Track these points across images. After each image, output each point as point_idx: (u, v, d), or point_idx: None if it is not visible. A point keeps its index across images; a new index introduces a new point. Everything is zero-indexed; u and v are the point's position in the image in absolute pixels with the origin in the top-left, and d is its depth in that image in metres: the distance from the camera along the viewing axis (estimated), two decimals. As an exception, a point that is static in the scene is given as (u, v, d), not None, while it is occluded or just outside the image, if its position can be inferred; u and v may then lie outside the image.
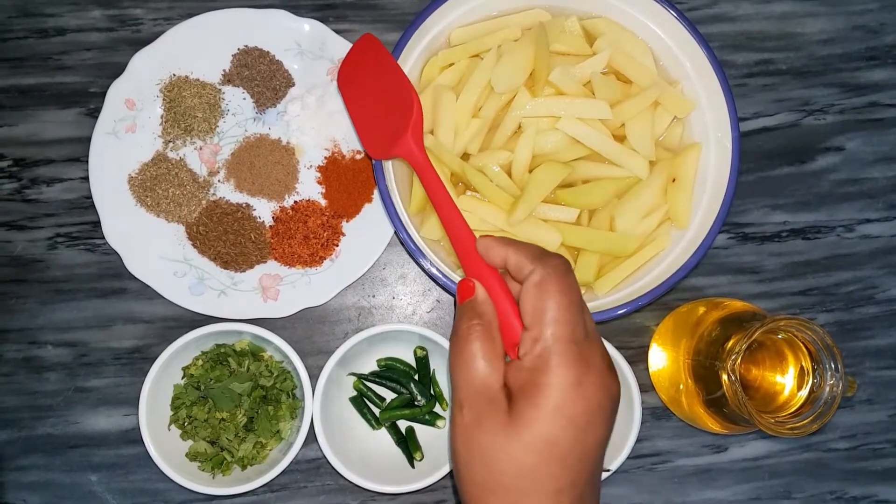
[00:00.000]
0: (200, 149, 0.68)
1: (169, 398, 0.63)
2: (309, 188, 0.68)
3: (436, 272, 0.57)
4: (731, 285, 0.69)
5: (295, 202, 0.68)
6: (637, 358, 0.67)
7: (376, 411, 0.66)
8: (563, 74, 0.60)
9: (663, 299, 0.68)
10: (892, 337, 0.70)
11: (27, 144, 0.69)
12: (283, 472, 0.61)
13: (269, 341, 0.62)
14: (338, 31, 0.68)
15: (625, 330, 0.68)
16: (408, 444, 0.64)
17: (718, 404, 0.57)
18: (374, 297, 0.68)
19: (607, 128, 0.61)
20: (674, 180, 0.62)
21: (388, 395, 0.67)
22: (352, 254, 0.67)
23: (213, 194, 0.68)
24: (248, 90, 0.69)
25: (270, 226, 0.68)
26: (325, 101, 0.68)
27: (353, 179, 0.67)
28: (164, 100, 0.68)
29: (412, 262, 0.68)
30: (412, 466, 0.64)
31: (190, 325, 0.64)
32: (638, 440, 0.62)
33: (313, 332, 0.67)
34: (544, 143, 0.61)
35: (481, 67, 0.60)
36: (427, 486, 0.61)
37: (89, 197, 0.66)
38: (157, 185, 0.67)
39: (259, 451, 0.63)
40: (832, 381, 0.54)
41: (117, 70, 0.67)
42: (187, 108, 0.67)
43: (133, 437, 0.65)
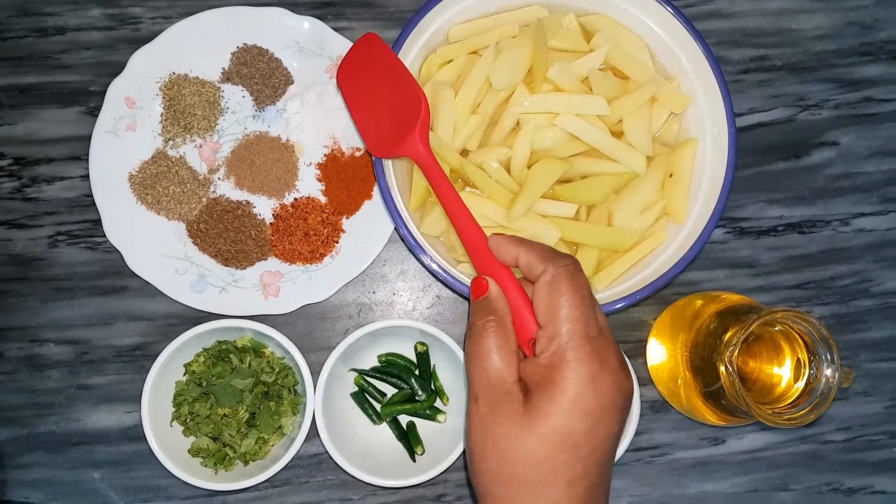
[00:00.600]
0: (200, 147, 0.69)
1: (171, 395, 0.64)
2: (309, 185, 0.68)
3: (436, 268, 0.57)
4: (728, 279, 0.70)
5: (295, 199, 0.68)
6: (635, 352, 0.68)
7: (377, 406, 0.66)
8: (560, 71, 0.60)
9: (661, 293, 0.68)
10: (888, 329, 0.70)
11: (27, 143, 0.69)
12: (285, 468, 0.61)
13: (270, 337, 0.63)
14: (336, 29, 0.68)
15: (623, 324, 0.69)
16: (409, 439, 0.65)
17: (716, 396, 0.58)
18: (374, 293, 0.69)
19: (605, 124, 0.61)
20: (671, 175, 0.62)
21: (389, 391, 0.67)
22: (352, 250, 0.67)
23: (214, 192, 0.68)
24: (247, 88, 0.69)
25: (271, 223, 0.68)
26: (325, 99, 0.68)
27: (352, 176, 0.67)
28: (163, 98, 0.68)
29: (412, 258, 0.69)
30: (413, 461, 0.64)
31: (191, 322, 0.65)
32: (637, 433, 0.63)
33: (314, 328, 0.68)
34: (542, 140, 0.61)
35: (480, 64, 0.61)
36: (428, 480, 0.62)
37: (90, 195, 0.67)
38: (157, 182, 0.67)
39: (261, 447, 0.63)
40: (828, 372, 0.54)
41: (117, 69, 0.67)
42: (187, 106, 0.68)
43: (135, 434, 0.65)
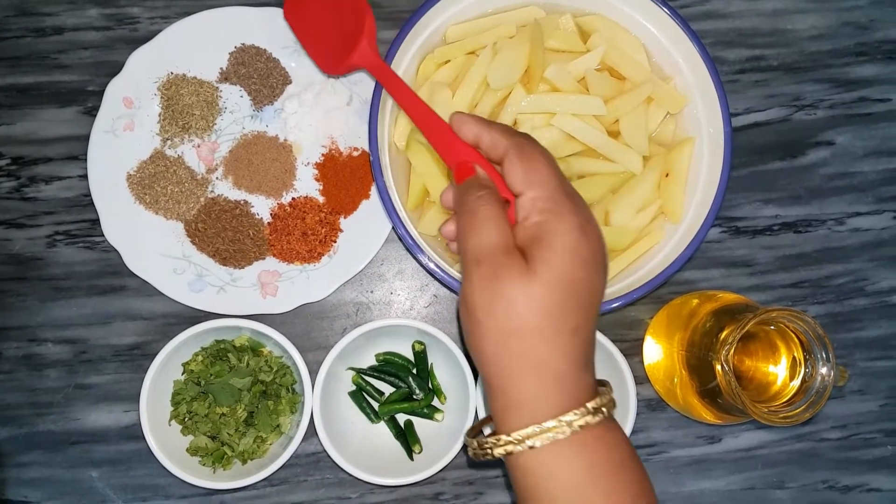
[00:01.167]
0: (198, 146, 0.69)
1: (169, 394, 0.64)
2: (307, 185, 0.69)
3: (433, 267, 0.58)
4: (724, 278, 0.70)
5: (293, 199, 0.68)
6: (632, 351, 0.68)
7: (375, 405, 0.66)
8: (558, 71, 0.60)
9: (657, 293, 0.69)
10: (882, 328, 0.71)
11: (25, 143, 0.69)
12: (283, 466, 0.62)
13: (268, 337, 0.63)
14: (334, 29, 0.68)
15: (619, 323, 0.69)
16: (407, 438, 0.65)
17: (712, 395, 0.58)
18: (372, 292, 0.69)
19: (602, 124, 0.62)
20: (667, 175, 0.62)
21: (387, 389, 0.67)
22: (350, 250, 0.67)
23: (212, 191, 0.68)
24: (245, 88, 0.69)
25: (269, 222, 0.68)
26: (323, 99, 0.68)
27: (350, 176, 0.68)
28: (161, 98, 0.68)
29: (410, 257, 0.69)
30: (411, 459, 0.64)
31: (189, 321, 0.65)
32: (633, 431, 0.63)
33: (312, 327, 0.68)
34: (539, 139, 0.60)
35: (477, 64, 0.61)
36: (426, 479, 0.62)
37: (88, 195, 0.67)
38: (155, 182, 0.67)
39: (259, 446, 0.64)
40: (824, 370, 0.54)
41: (115, 68, 0.67)
42: (185, 106, 0.68)
43: (133, 433, 0.66)
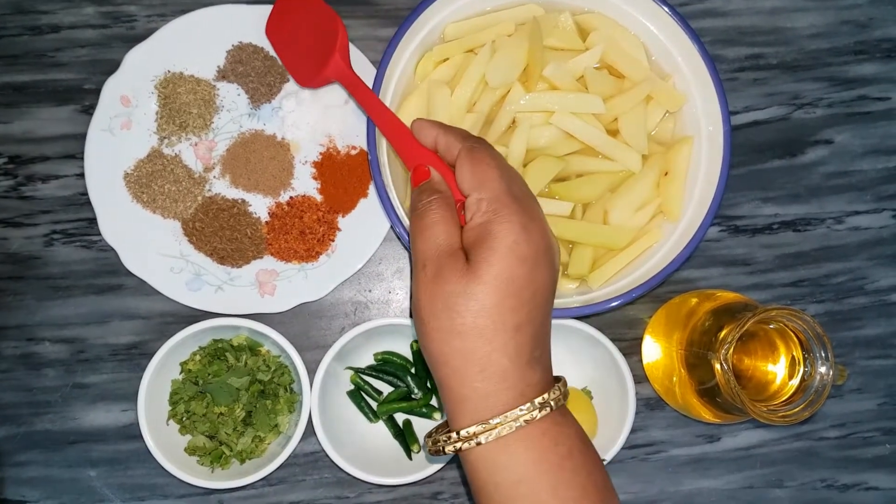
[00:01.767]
0: (196, 145, 0.69)
1: (167, 393, 0.64)
2: (304, 184, 0.68)
3: (432, 266, 0.57)
4: (723, 277, 0.70)
5: (291, 198, 0.68)
6: (631, 350, 0.68)
7: (374, 404, 0.66)
8: (556, 69, 0.60)
9: (656, 291, 0.69)
10: (881, 327, 0.71)
11: (22, 142, 0.69)
12: (281, 466, 0.62)
13: (266, 336, 0.63)
14: (332, 27, 0.68)
15: (618, 322, 0.69)
16: (405, 437, 0.65)
17: (711, 394, 0.58)
18: (370, 291, 0.69)
19: (600, 122, 0.61)
20: (666, 174, 0.62)
21: (386, 389, 0.67)
22: (348, 249, 0.67)
23: (209, 190, 0.68)
24: (242, 86, 0.69)
25: (266, 221, 0.68)
26: (320, 97, 0.68)
27: (348, 175, 0.67)
28: (158, 96, 0.68)
29: (408, 256, 0.69)
30: (410, 458, 0.64)
31: (187, 320, 0.65)
32: (632, 430, 0.63)
33: (310, 326, 0.68)
34: (538, 138, 0.61)
35: (476, 63, 0.61)
36: (424, 478, 0.62)
37: (85, 194, 0.67)
38: (152, 181, 0.67)
39: (257, 445, 0.63)
40: (823, 369, 0.54)
41: (112, 67, 0.67)
42: (182, 104, 0.67)
43: (131, 433, 0.65)
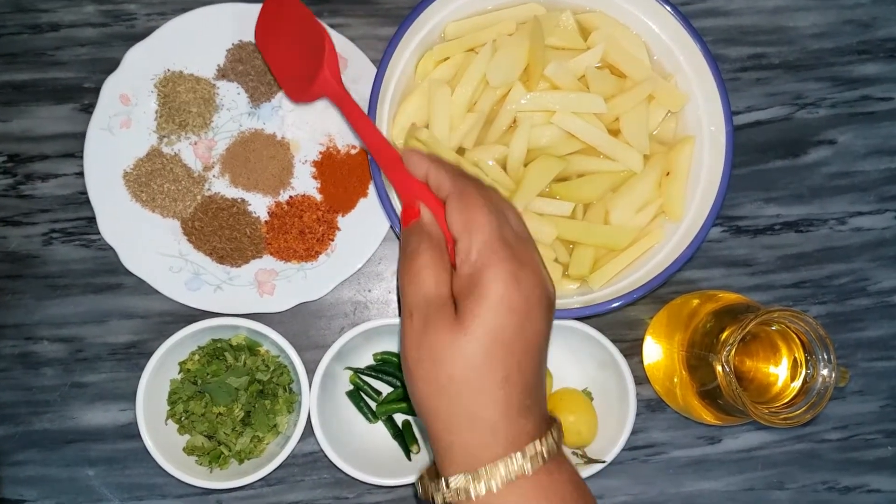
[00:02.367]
0: (195, 144, 0.68)
1: (166, 393, 0.63)
2: (304, 183, 0.68)
3: (432, 266, 0.57)
4: (725, 278, 0.70)
5: (290, 197, 0.68)
6: (632, 351, 0.68)
7: (373, 405, 0.66)
8: (557, 69, 0.60)
9: (658, 292, 0.68)
10: (884, 329, 0.70)
11: (21, 140, 0.68)
12: (280, 466, 0.61)
13: (265, 336, 0.63)
14: (332, 26, 0.68)
15: (619, 323, 0.68)
16: (404, 438, 0.64)
17: (713, 395, 0.58)
18: (370, 291, 0.69)
19: (602, 122, 0.61)
20: (668, 174, 0.62)
21: (385, 389, 0.67)
22: (347, 248, 0.67)
23: (209, 189, 0.68)
24: (242, 85, 0.69)
25: (266, 221, 0.68)
26: (320, 96, 0.68)
27: (348, 174, 0.67)
28: (158, 95, 0.68)
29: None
30: (409, 459, 0.64)
31: (186, 320, 0.64)
32: (633, 432, 0.62)
33: (309, 326, 0.68)
34: (539, 138, 0.61)
35: (476, 62, 0.60)
36: (424, 479, 0.61)
37: (84, 192, 0.66)
38: (152, 180, 0.66)
39: (256, 445, 0.63)
40: (825, 371, 0.54)
41: (111, 65, 0.67)
42: (182, 103, 0.67)
43: (130, 432, 0.65)
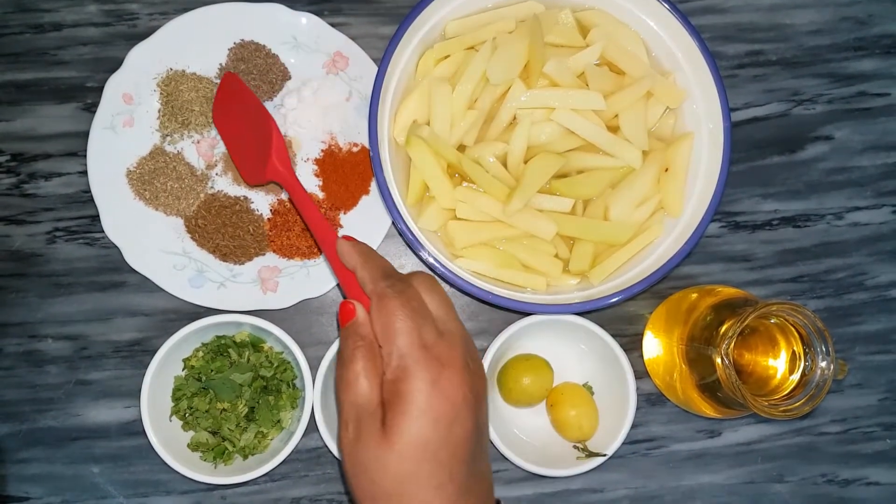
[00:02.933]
0: (198, 142, 0.69)
1: (170, 390, 0.64)
2: (306, 181, 0.69)
3: (433, 262, 0.58)
4: (724, 273, 0.70)
5: (292, 195, 0.68)
6: (632, 345, 0.68)
7: (375, 401, 0.66)
8: (557, 66, 0.60)
9: (657, 287, 0.69)
10: (881, 322, 0.71)
11: (25, 139, 0.69)
12: (284, 462, 0.62)
13: (269, 332, 0.63)
14: (334, 25, 0.68)
15: (619, 318, 0.69)
16: (407, 433, 0.65)
17: (712, 389, 0.58)
18: (371, 288, 0.69)
19: (601, 119, 0.62)
20: (667, 170, 0.62)
21: (387, 385, 0.67)
22: (350, 245, 0.67)
23: (212, 187, 0.68)
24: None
25: (268, 218, 0.68)
26: (322, 95, 0.68)
27: (350, 172, 0.68)
28: (161, 94, 0.68)
29: (410, 252, 0.69)
30: (411, 454, 0.64)
31: (190, 317, 0.65)
32: (633, 426, 0.63)
33: (312, 323, 0.68)
34: (539, 134, 0.61)
35: (477, 59, 0.61)
36: (426, 473, 0.62)
37: (87, 191, 0.67)
38: (155, 178, 0.67)
39: (260, 441, 0.64)
40: (823, 363, 0.55)
41: (114, 65, 0.67)
42: (184, 101, 0.68)
43: (134, 429, 0.66)
